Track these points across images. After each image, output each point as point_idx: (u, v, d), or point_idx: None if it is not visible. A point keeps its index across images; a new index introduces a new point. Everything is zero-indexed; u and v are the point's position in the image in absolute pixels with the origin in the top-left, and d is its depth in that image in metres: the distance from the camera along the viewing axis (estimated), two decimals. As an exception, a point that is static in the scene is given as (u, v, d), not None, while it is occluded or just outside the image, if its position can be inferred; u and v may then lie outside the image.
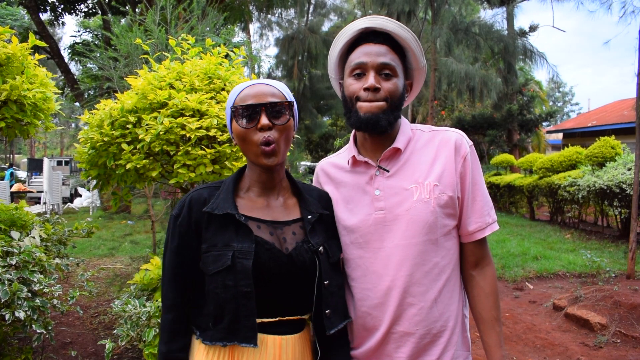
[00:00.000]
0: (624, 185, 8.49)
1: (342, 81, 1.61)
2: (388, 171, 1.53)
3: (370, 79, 1.45)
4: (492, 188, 15.21)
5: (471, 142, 1.57)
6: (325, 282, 1.40)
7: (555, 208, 11.97)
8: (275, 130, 1.39)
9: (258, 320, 1.34)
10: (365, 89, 1.46)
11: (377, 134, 1.52)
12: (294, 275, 1.38)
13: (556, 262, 7.62)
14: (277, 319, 1.37)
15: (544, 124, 22.86)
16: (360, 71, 1.49)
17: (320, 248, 1.42)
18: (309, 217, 1.46)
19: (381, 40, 1.51)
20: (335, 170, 1.68)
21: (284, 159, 1.44)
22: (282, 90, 1.45)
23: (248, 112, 1.38)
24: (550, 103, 42.79)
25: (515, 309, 5.78)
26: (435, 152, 1.53)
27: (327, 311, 1.41)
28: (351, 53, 1.54)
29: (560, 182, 10.60)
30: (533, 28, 18.96)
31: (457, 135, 1.56)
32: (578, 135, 21.35)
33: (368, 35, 1.52)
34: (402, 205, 1.49)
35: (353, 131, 1.66)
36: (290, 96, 1.48)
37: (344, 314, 1.49)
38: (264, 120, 1.37)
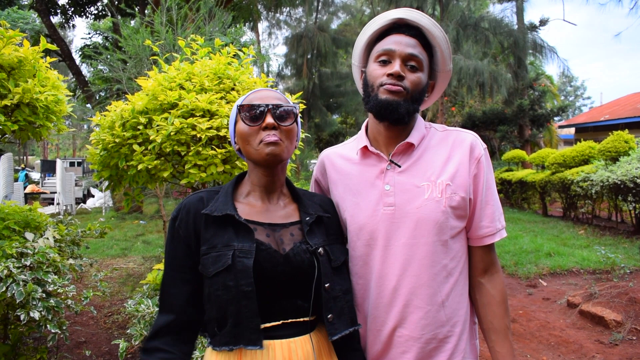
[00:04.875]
0: (638, 180, 8.38)
1: (365, 69, 1.57)
2: (400, 166, 1.49)
3: (396, 66, 1.43)
4: (504, 184, 15.09)
5: (485, 145, 1.54)
6: (326, 285, 1.37)
7: (568, 204, 11.85)
8: (280, 132, 1.39)
9: (262, 326, 1.30)
10: (389, 75, 1.43)
11: (393, 123, 1.48)
12: (290, 275, 1.34)
13: (570, 259, 7.55)
14: (280, 322, 1.34)
15: (555, 118, 22.66)
16: (387, 58, 1.46)
17: (320, 249, 1.38)
18: (307, 218, 1.44)
19: (413, 34, 1.48)
20: (341, 161, 1.64)
21: (288, 156, 1.43)
22: (288, 99, 1.47)
23: (254, 111, 1.39)
24: (562, 98, 42.41)
25: (529, 306, 5.73)
26: (449, 152, 1.50)
27: (329, 316, 1.37)
28: (379, 42, 1.51)
29: (573, 178, 10.50)
30: (543, 22, 18.79)
31: (472, 137, 1.53)
32: (590, 130, 21.12)
33: (400, 27, 1.49)
34: (412, 203, 1.45)
35: (366, 121, 1.63)
36: (295, 107, 1.48)
37: (351, 320, 1.42)
38: (269, 119, 1.37)
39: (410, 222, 1.44)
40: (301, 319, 1.37)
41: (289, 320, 1.36)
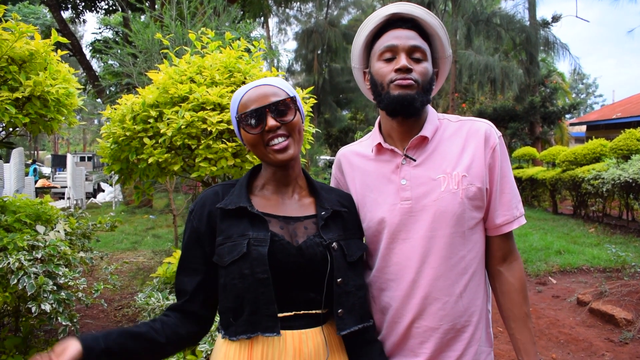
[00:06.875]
0: (650, 178, 8.28)
1: (367, 70, 1.58)
2: (415, 160, 1.50)
3: (402, 60, 1.43)
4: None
5: (500, 133, 1.53)
6: (338, 280, 1.36)
7: (578, 202, 11.75)
8: (284, 128, 1.39)
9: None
10: (397, 70, 1.43)
11: (408, 117, 1.49)
12: (303, 267, 1.35)
13: (580, 257, 7.49)
14: (292, 312, 1.35)
15: (567, 116, 22.48)
16: (391, 54, 1.46)
17: (334, 244, 1.38)
18: (323, 213, 1.44)
19: (409, 26, 1.48)
20: (358, 159, 1.64)
21: (298, 152, 1.43)
22: (283, 87, 1.44)
23: (254, 117, 1.39)
24: (574, 95, 42.01)
25: (539, 303, 5.70)
26: (463, 142, 1.50)
27: (339, 310, 1.37)
28: (377, 40, 1.52)
29: (584, 175, 10.41)
30: (556, 18, 18.63)
31: (486, 126, 1.52)
32: (602, 128, 20.91)
33: (396, 22, 1.50)
34: (429, 196, 1.45)
35: (378, 119, 1.63)
36: (291, 91, 1.46)
37: (362, 316, 1.42)
38: (271, 121, 1.37)
39: (428, 215, 1.44)
40: (313, 311, 1.38)
41: (302, 312, 1.36)
